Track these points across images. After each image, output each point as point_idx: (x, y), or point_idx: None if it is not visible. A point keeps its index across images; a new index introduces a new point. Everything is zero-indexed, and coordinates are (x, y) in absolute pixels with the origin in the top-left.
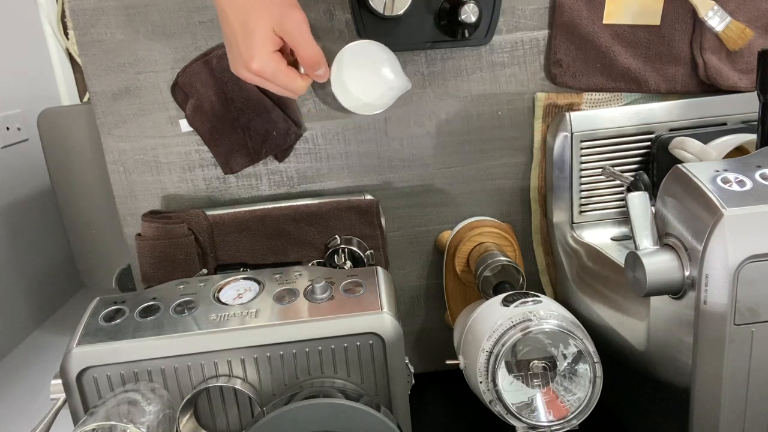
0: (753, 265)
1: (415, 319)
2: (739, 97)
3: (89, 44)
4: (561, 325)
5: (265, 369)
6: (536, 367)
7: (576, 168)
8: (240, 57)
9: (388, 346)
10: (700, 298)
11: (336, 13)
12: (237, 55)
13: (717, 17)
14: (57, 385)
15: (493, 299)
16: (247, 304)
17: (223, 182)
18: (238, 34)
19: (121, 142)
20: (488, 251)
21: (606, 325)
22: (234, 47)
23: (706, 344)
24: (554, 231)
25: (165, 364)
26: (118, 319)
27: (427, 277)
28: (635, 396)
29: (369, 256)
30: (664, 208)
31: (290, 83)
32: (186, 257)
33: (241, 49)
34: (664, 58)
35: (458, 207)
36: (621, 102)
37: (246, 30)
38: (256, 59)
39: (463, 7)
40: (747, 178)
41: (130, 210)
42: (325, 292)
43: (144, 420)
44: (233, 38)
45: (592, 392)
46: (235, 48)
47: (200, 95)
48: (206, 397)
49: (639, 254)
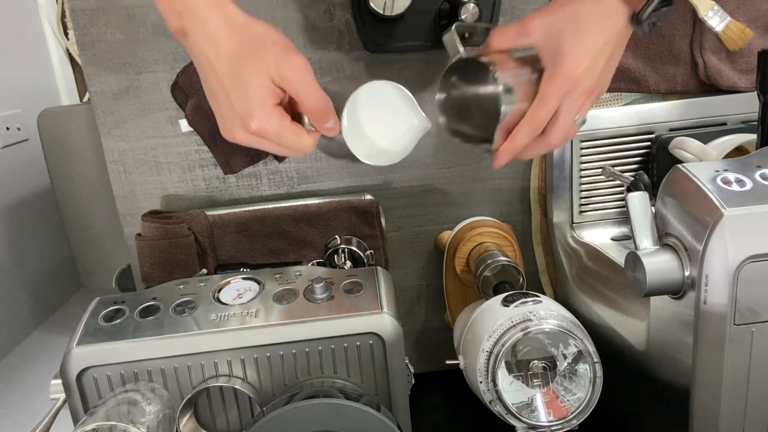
0: (753, 265)
1: (415, 319)
2: (739, 97)
3: (89, 44)
4: (561, 325)
5: (265, 369)
6: (536, 367)
7: (576, 168)
8: (233, 116)
9: (388, 346)
10: (700, 298)
11: (336, 13)
12: (229, 114)
13: (717, 17)
14: (57, 385)
15: (493, 299)
16: (247, 304)
17: (223, 182)
18: (229, 88)
19: (121, 142)
20: (488, 251)
21: (606, 325)
22: (224, 105)
23: (706, 344)
24: (554, 231)
25: (165, 364)
26: (118, 319)
27: (427, 277)
28: (635, 396)
29: (369, 256)
30: (664, 208)
31: (297, 142)
32: (186, 257)
33: (234, 107)
34: (664, 58)
35: (458, 207)
36: (621, 102)
37: (239, 82)
38: (256, 117)
39: (463, 7)
40: (747, 178)
41: (130, 210)
42: (325, 292)
43: (144, 420)
44: (222, 94)
45: (592, 392)
46: (225, 106)
47: (200, 95)
48: (206, 397)
49: (639, 254)
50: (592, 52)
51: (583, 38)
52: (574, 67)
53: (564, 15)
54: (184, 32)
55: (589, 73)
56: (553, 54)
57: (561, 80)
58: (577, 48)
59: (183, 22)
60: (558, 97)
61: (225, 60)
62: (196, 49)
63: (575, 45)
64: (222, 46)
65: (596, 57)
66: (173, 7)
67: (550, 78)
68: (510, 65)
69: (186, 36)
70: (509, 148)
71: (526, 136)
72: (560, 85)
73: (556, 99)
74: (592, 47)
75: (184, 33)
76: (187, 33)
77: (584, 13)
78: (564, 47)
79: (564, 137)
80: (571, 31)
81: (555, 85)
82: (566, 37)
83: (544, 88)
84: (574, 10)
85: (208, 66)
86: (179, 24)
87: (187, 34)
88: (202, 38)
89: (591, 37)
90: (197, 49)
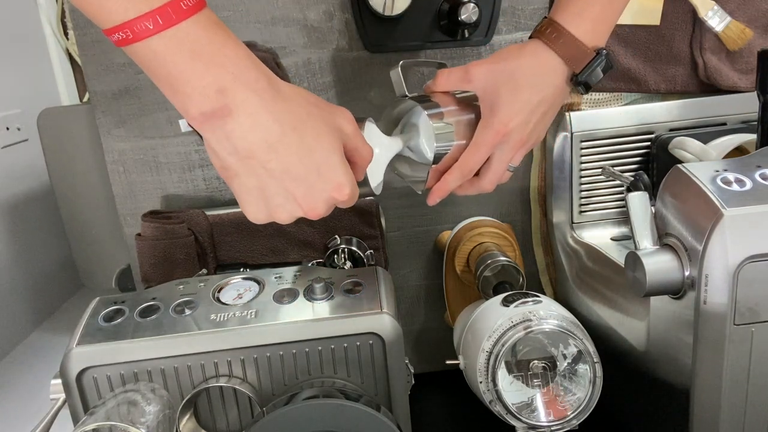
0: (753, 265)
1: (415, 319)
2: (739, 97)
3: (89, 44)
4: (561, 325)
5: (265, 369)
6: (536, 367)
7: (576, 168)
8: (315, 194)
9: (388, 346)
10: (700, 298)
11: (336, 13)
12: (308, 194)
13: (717, 17)
14: (57, 385)
15: (493, 299)
16: (247, 304)
17: (223, 182)
18: (306, 164)
19: (120, 142)
20: (488, 251)
21: (606, 325)
22: (297, 188)
23: (706, 344)
24: (554, 231)
25: (165, 364)
26: (117, 319)
27: (427, 277)
28: (635, 396)
29: (369, 256)
30: (664, 208)
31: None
32: (186, 257)
33: (317, 183)
34: (664, 58)
35: (458, 207)
36: (621, 102)
37: (319, 154)
38: (346, 183)
39: (463, 7)
40: (747, 178)
41: (130, 210)
42: (325, 292)
43: (144, 420)
44: (303, 173)
45: (591, 392)
46: (300, 188)
47: None
48: (206, 397)
49: (639, 254)
50: (526, 108)
51: (520, 95)
52: (507, 122)
53: (505, 68)
54: (228, 111)
55: (521, 128)
56: (490, 105)
57: (493, 132)
58: (512, 104)
59: (227, 99)
60: (489, 146)
61: (293, 133)
62: (238, 132)
63: (511, 101)
64: (287, 119)
65: (530, 113)
66: (214, 83)
67: (483, 128)
68: (451, 108)
69: (229, 116)
70: (441, 188)
71: (457, 179)
72: (492, 137)
73: (488, 148)
74: (527, 104)
75: (228, 112)
76: (231, 112)
77: (524, 70)
78: (500, 101)
79: (496, 182)
80: (509, 87)
81: (487, 136)
82: (503, 92)
83: (477, 137)
84: (515, 65)
85: (264, 148)
86: (219, 103)
87: (232, 112)
88: (257, 115)
89: (527, 95)
90: (239, 133)
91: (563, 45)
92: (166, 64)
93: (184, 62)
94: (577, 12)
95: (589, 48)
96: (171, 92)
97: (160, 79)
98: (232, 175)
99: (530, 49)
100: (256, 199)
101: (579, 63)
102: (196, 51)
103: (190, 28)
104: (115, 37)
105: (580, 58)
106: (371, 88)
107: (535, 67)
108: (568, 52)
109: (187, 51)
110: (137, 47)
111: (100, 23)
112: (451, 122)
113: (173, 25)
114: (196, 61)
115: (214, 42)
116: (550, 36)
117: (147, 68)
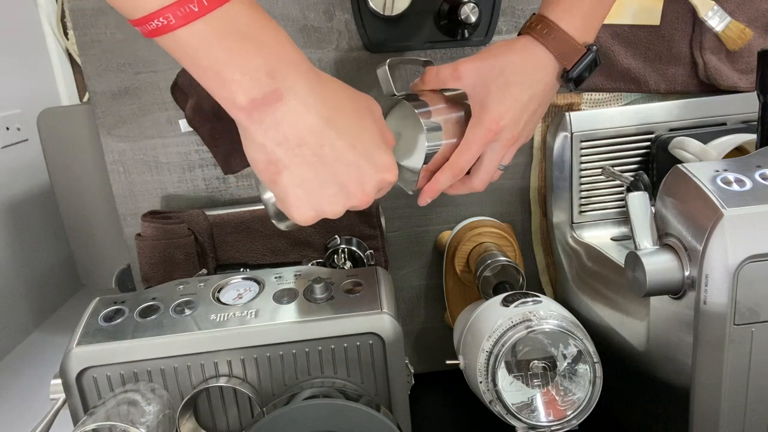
0: (753, 265)
1: (415, 319)
2: (739, 97)
3: (89, 44)
4: (561, 325)
5: (265, 369)
6: (536, 367)
7: (576, 168)
8: (365, 179)
9: (388, 346)
10: (700, 298)
11: (336, 13)
12: (357, 179)
13: (717, 17)
14: (57, 385)
15: (493, 299)
16: (247, 304)
17: (223, 182)
18: (359, 149)
19: (120, 142)
20: (488, 251)
21: (606, 325)
22: (356, 170)
23: (706, 344)
24: (554, 231)
25: (165, 364)
26: (117, 319)
27: (427, 277)
28: (635, 396)
29: (369, 256)
30: (664, 208)
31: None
32: (186, 257)
33: (367, 166)
34: (664, 58)
35: (458, 207)
36: (621, 102)
37: (368, 138)
38: (393, 167)
39: (462, 7)
40: (747, 178)
41: (130, 210)
42: (325, 292)
43: (144, 420)
44: (355, 157)
45: (591, 392)
46: (349, 173)
47: (200, 95)
48: (206, 397)
49: (639, 254)
50: (517, 105)
51: (510, 92)
52: (498, 119)
53: (494, 65)
54: (278, 96)
55: (512, 126)
56: (480, 103)
57: (484, 130)
58: (502, 101)
59: (277, 83)
60: (481, 145)
61: (341, 117)
62: (289, 118)
63: (501, 98)
64: (332, 103)
65: (521, 110)
66: (264, 66)
67: (474, 126)
68: (440, 106)
69: (279, 101)
70: (432, 188)
71: (449, 179)
72: (483, 135)
73: (479, 147)
74: (518, 101)
75: (278, 96)
76: (282, 96)
77: (514, 66)
78: (490, 98)
79: (488, 181)
80: (498, 84)
81: (478, 134)
82: (493, 89)
83: (468, 136)
84: (505, 61)
85: (316, 134)
86: (269, 87)
87: (282, 97)
88: (306, 99)
89: (517, 92)
90: (291, 118)
91: (554, 41)
92: (212, 49)
93: (234, 45)
94: (567, 8)
95: (580, 44)
96: (218, 82)
97: (204, 69)
98: (281, 169)
99: (520, 45)
100: (306, 194)
101: (570, 59)
102: (245, 32)
103: (235, 7)
104: (152, 25)
105: (571, 53)
106: (371, 88)
107: (526, 63)
108: (559, 48)
109: (237, 32)
110: (179, 34)
111: (131, 12)
112: (440, 121)
113: (220, 5)
114: (247, 42)
115: (259, 22)
116: (540, 32)
117: (188, 57)
